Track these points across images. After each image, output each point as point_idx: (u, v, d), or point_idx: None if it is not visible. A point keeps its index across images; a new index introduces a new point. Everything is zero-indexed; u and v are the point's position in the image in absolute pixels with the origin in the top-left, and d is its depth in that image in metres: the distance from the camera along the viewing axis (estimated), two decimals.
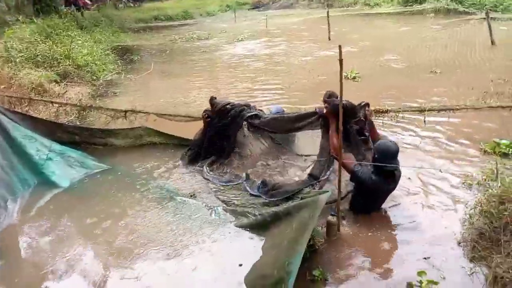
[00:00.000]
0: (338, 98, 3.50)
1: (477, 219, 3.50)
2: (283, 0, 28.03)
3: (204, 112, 5.11)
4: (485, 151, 5.03)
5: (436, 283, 2.95)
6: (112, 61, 11.59)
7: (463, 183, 4.40)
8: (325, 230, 3.60)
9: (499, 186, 3.62)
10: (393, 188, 3.92)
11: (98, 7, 21.13)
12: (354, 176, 3.80)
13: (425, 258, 3.34)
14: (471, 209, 3.70)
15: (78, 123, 6.33)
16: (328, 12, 14.55)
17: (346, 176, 3.91)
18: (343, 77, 3.28)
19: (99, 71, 10.20)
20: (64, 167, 5.12)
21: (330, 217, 3.53)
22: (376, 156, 3.71)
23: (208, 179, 4.78)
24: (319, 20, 16.86)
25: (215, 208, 4.24)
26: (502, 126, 5.32)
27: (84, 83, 9.30)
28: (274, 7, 26.62)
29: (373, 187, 3.73)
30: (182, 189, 4.72)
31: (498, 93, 6.36)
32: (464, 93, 6.78)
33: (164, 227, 4.01)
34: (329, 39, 13.74)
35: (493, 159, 4.60)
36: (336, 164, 4.03)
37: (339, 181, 3.56)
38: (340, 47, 2.95)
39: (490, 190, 3.77)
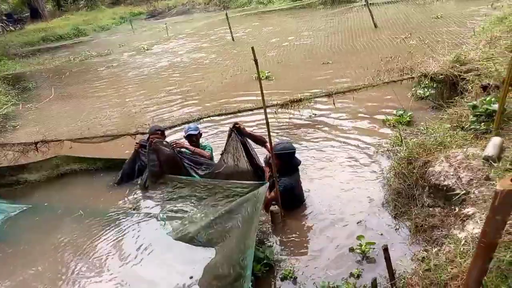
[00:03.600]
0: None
1: (393, 181, 4.01)
2: (179, 6, 27.83)
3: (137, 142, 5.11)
4: (390, 123, 5.67)
5: (373, 243, 3.32)
6: (3, 93, 10.50)
7: (377, 152, 4.97)
8: (270, 219, 3.81)
9: (405, 150, 4.16)
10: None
11: None
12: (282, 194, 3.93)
13: (358, 223, 3.73)
14: (387, 173, 4.22)
15: None
16: (226, 14, 14.91)
17: None
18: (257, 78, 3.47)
19: None
20: None
21: (272, 207, 3.74)
22: (283, 157, 3.94)
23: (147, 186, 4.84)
24: (219, 22, 17.15)
25: (161, 218, 4.25)
26: (395, 97, 6.06)
27: None
28: (171, 14, 26.30)
29: (292, 185, 4.04)
30: (119, 208, 4.61)
31: (388, 70, 7.13)
32: (361, 74, 7.53)
33: (112, 252, 3.88)
34: (233, 40, 14.09)
35: (396, 128, 5.24)
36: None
37: (274, 171, 3.78)
38: (253, 48, 3.13)
39: (398, 154, 4.32)
